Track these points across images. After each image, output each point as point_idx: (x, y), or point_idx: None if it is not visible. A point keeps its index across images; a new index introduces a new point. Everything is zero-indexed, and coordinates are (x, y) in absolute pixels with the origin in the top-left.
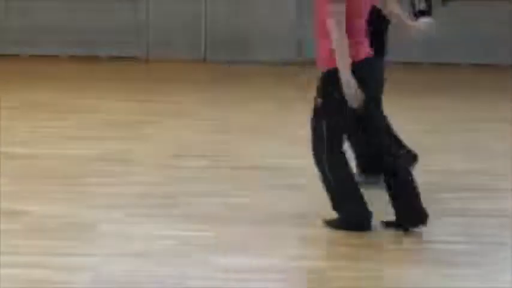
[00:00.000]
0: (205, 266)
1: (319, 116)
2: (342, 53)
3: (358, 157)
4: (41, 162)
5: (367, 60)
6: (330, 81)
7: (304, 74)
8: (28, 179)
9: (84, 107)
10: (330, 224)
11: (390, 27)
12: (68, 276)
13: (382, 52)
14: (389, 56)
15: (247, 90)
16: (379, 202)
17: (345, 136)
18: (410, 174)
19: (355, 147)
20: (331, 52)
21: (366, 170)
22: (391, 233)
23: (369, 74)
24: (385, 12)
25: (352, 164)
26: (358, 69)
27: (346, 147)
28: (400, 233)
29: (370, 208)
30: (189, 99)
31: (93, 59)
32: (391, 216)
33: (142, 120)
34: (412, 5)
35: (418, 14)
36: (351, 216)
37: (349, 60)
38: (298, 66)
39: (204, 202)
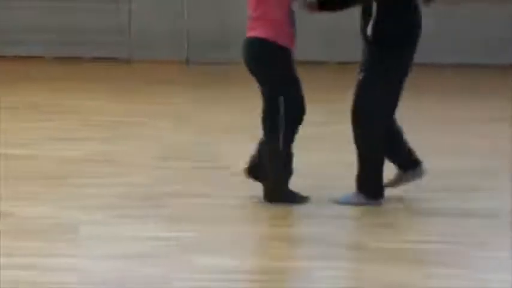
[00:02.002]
0: (190, 267)
1: None
2: None
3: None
4: (24, 163)
5: None
6: None
7: None
8: (12, 180)
9: (67, 107)
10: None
11: None
12: (53, 278)
13: None
14: None
15: (231, 91)
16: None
17: None
18: None
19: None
20: None
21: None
22: (373, 231)
23: None
24: None
25: None
26: None
27: None
28: (382, 231)
29: None
30: (172, 100)
31: (76, 60)
32: None
33: (125, 121)
34: None
35: None
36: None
37: None
38: None
39: (188, 203)
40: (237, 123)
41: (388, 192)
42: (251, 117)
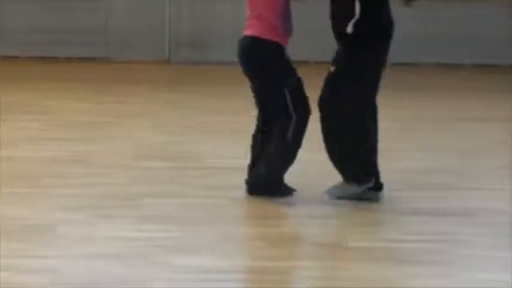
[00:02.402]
0: (168, 267)
1: None
2: None
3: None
4: (0, 164)
5: None
6: None
7: None
8: None
9: (44, 108)
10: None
11: None
12: (27, 278)
13: None
14: None
15: (211, 90)
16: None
17: None
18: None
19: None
20: None
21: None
22: (353, 230)
23: None
24: None
25: None
26: None
27: None
28: (363, 231)
29: None
30: (150, 100)
31: (53, 59)
32: None
33: (103, 121)
34: None
35: None
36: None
37: None
38: None
39: (166, 203)
40: (216, 123)
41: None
42: (229, 117)
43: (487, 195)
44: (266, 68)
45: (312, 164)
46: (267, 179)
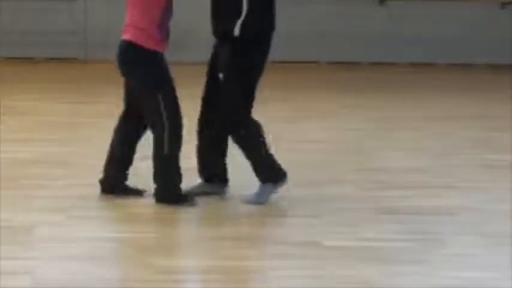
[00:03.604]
0: (146, 268)
1: None
2: None
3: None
4: None
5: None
6: None
7: None
8: None
9: (21, 108)
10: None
11: None
12: (5, 281)
13: None
14: (332, 57)
15: (189, 91)
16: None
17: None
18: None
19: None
20: None
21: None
22: (329, 230)
23: None
24: None
25: None
26: None
27: None
28: (339, 230)
29: None
30: None
31: (30, 60)
32: None
33: (81, 121)
34: None
35: None
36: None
37: None
38: None
39: (144, 204)
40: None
41: (344, 190)
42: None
43: (463, 194)
44: (140, 72)
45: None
46: (163, 194)
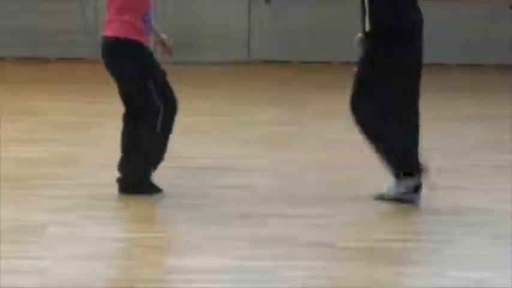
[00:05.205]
0: (156, 268)
1: None
2: None
3: None
4: None
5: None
6: None
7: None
8: None
9: (32, 109)
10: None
11: None
12: (16, 280)
13: None
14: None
15: (195, 90)
16: None
17: None
18: None
19: None
20: None
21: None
22: (339, 230)
23: None
24: None
25: None
26: None
27: None
28: (349, 230)
29: None
30: None
31: (41, 60)
32: None
33: (91, 121)
34: None
35: None
36: None
37: None
38: (246, 66)
39: (154, 203)
40: (202, 123)
41: (354, 191)
42: (216, 117)
43: (473, 195)
44: (129, 64)
45: (298, 164)
46: (135, 181)
